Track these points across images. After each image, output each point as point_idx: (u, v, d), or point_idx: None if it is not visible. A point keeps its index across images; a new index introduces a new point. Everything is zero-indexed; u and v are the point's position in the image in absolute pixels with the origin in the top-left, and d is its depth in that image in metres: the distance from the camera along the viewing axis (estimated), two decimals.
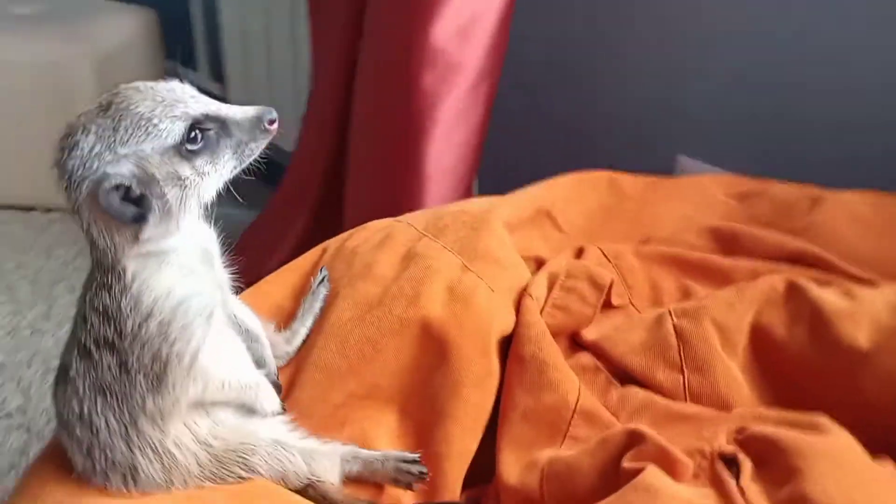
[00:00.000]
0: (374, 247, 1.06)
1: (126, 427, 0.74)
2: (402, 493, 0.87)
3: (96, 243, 0.72)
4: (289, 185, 2.05)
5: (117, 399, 0.74)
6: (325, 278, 1.02)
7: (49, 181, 0.72)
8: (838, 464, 0.76)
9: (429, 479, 0.86)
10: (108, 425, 0.74)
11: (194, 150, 0.71)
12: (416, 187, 1.60)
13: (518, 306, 1.01)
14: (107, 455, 0.75)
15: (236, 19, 2.31)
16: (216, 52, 2.47)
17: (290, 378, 0.96)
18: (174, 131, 0.70)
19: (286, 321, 1.02)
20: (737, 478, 0.78)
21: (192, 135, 0.71)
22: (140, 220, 0.70)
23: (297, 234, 2.01)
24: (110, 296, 0.72)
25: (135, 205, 0.70)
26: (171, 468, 0.77)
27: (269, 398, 0.84)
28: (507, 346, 0.98)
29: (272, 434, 0.83)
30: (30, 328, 1.97)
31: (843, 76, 1.40)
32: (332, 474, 0.84)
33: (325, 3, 1.79)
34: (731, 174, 1.39)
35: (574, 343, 1.04)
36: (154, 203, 0.70)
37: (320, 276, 1.02)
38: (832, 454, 0.77)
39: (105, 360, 0.73)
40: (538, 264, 1.12)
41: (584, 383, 0.95)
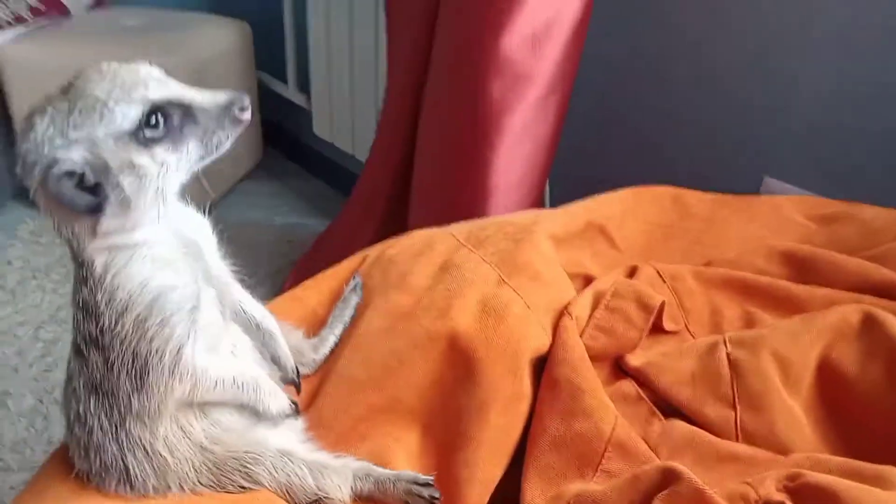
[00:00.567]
0: (412, 256, 1.02)
1: (116, 427, 0.72)
2: None
3: (61, 234, 0.69)
4: (359, 193, 2.05)
5: (107, 398, 0.72)
6: (357, 285, 1.00)
7: None
8: None
9: (442, 501, 0.80)
10: (100, 426, 0.72)
11: (154, 137, 0.66)
12: (481, 199, 1.56)
13: (556, 326, 0.94)
14: (100, 456, 0.73)
15: (323, 34, 2.36)
16: (304, 64, 2.53)
17: (315, 387, 0.94)
18: (130, 115, 0.65)
19: (319, 327, 1.00)
20: None
21: (151, 120, 0.66)
22: (96, 210, 0.67)
23: (365, 244, 2.01)
24: (88, 290, 0.69)
25: (91, 194, 0.66)
26: (164, 472, 0.74)
27: (274, 399, 0.80)
28: (542, 368, 0.92)
29: (280, 444, 0.79)
30: None
31: None
32: (341, 491, 0.80)
33: (400, 12, 1.79)
34: (816, 196, 1.27)
35: (618, 369, 0.96)
36: (109, 193, 0.67)
37: (353, 282, 1.00)
38: None
39: (93, 358, 0.71)
40: (586, 282, 1.05)
41: (624, 413, 0.87)
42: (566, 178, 1.71)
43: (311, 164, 2.77)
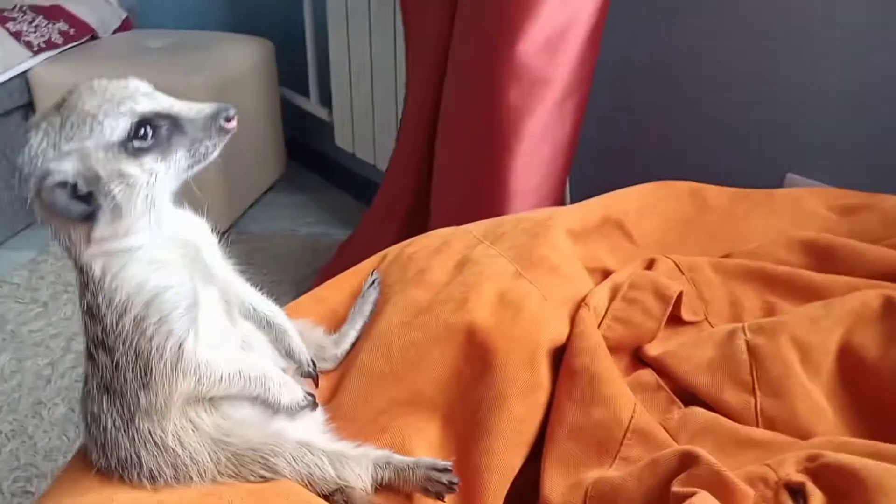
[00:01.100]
0: (430, 253, 1.04)
1: (127, 424, 0.74)
2: None
3: (59, 242, 0.72)
4: (380, 202, 2.08)
5: (117, 397, 0.74)
6: (375, 281, 1.01)
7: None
8: None
9: (461, 490, 0.80)
10: (113, 423, 0.75)
11: (143, 147, 0.69)
12: (500, 204, 1.57)
13: (574, 317, 0.94)
14: (116, 453, 0.75)
15: (343, 49, 2.41)
16: (325, 78, 2.58)
17: (336, 381, 0.95)
18: (118, 128, 0.68)
19: (340, 326, 1.01)
20: None
21: (140, 132, 0.69)
22: (89, 218, 0.70)
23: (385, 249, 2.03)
24: (90, 294, 0.72)
25: (84, 202, 0.69)
26: (180, 465, 0.75)
27: (286, 390, 0.81)
28: (560, 359, 0.92)
29: (299, 435, 0.80)
30: None
31: None
32: (362, 480, 0.81)
33: (418, 22, 1.82)
34: (837, 189, 1.26)
35: (636, 360, 0.96)
36: (101, 201, 0.69)
37: (371, 278, 1.01)
38: None
39: (102, 360, 0.74)
40: (604, 277, 1.05)
41: (643, 402, 0.87)
42: (585, 181, 1.71)
43: (334, 176, 2.81)
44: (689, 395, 0.89)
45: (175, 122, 0.71)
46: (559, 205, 1.61)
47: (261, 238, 2.46)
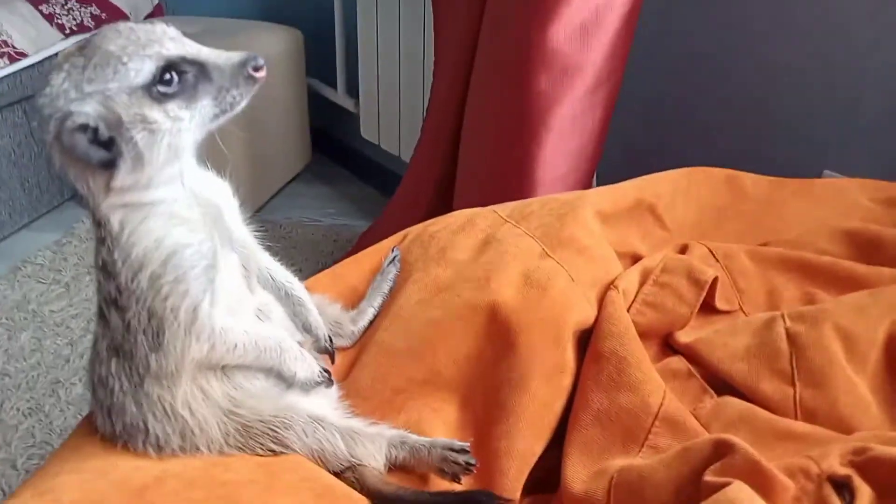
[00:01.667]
0: (454, 232, 1.00)
1: (135, 388, 0.72)
2: (449, 487, 0.78)
3: (78, 191, 0.69)
4: (403, 192, 2.05)
5: (127, 359, 0.71)
6: (395, 258, 0.98)
7: None
8: None
9: (479, 473, 0.77)
10: (121, 387, 0.72)
11: (167, 92, 0.66)
12: (525, 195, 1.52)
13: (602, 300, 0.90)
14: (122, 418, 0.73)
15: (371, 39, 2.39)
16: (353, 71, 2.56)
17: (352, 359, 0.92)
18: (143, 70, 0.65)
19: (359, 302, 0.98)
20: None
21: (165, 76, 0.66)
22: (110, 165, 0.67)
23: None
24: (106, 249, 0.69)
25: (105, 149, 0.67)
26: (187, 433, 0.73)
27: (302, 364, 0.78)
28: (586, 343, 0.88)
29: (312, 410, 0.77)
30: None
31: None
32: (375, 459, 0.78)
33: (448, 7, 1.78)
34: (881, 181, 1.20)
35: (666, 348, 0.91)
36: (123, 148, 0.67)
37: (391, 255, 0.98)
38: None
39: (113, 320, 0.71)
40: (634, 262, 1.01)
41: (674, 390, 0.82)
42: (613, 174, 1.66)
43: (358, 168, 2.79)
44: (722, 385, 0.84)
45: (202, 69, 0.68)
46: None
47: (283, 227, 2.45)
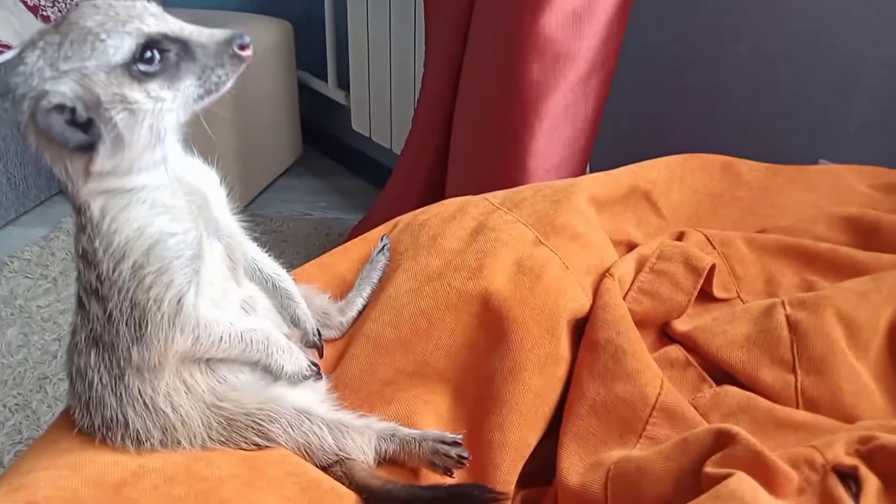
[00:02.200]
0: (444, 220, 0.97)
1: (115, 381, 0.69)
2: (440, 481, 0.76)
3: (55, 175, 0.66)
4: (395, 183, 2.02)
5: (107, 351, 0.68)
6: (385, 247, 0.95)
7: None
8: None
9: (472, 466, 0.74)
10: (100, 379, 0.69)
11: (148, 71, 0.63)
12: (518, 184, 1.50)
13: (597, 288, 0.88)
14: (101, 412, 0.70)
15: (362, 32, 2.36)
16: (343, 63, 2.53)
17: (341, 349, 0.89)
18: (123, 48, 0.62)
19: (347, 293, 0.95)
20: (856, 497, 0.61)
21: (146, 55, 0.63)
22: (88, 148, 0.63)
23: None
24: (87, 238, 0.66)
25: (83, 131, 0.63)
26: (169, 428, 0.70)
27: (289, 357, 0.75)
28: (581, 332, 0.86)
29: (298, 402, 0.74)
30: None
31: None
32: (364, 452, 0.75)
33: (439, 1, 1.76)
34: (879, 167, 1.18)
35: (663, 336, 0.89)
36: (102, 130, 0.63)
37: (381, 244, 0.95)
38: None
39: (93, 310, 0.68)
40: (629, 250, 0.98)
41: (671, 380, 0.80)
42: (606, 164, 1.64)
43: (349, 161, 2.76)
44: (720, 374, 0.82)
45: (185, 47, 0.65)
46: None
47: (274, 221, 2.41)
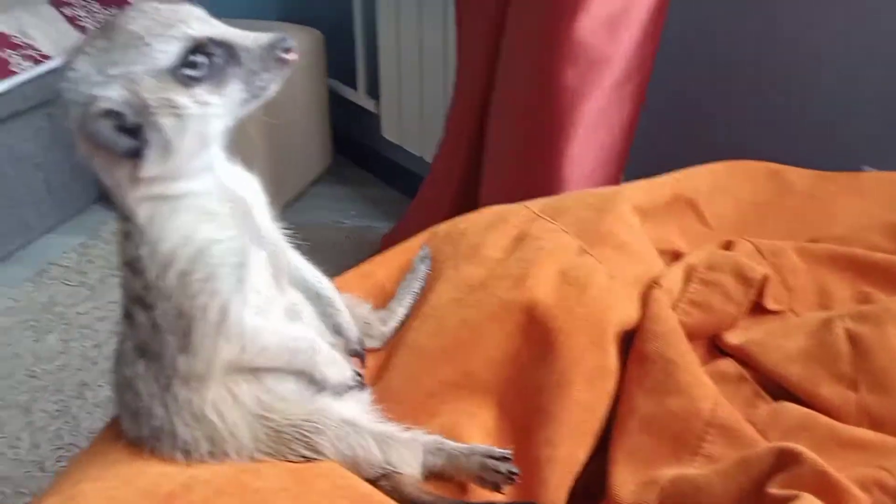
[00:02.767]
0: (484, 228, 0.96)
1: (163, 391, 0.68)
2: (489, 497, 0.74)
3: (104, 182, 0.66)
4: (427, 192, 2.01)
5: (154, 361, 0.68)
6: (426, 255, 0.94)
7: None
8: None
9: (519, 482, 0.72)
10: (147, 389, 0.68)
11: (195, 76, 0.63)
12: (553, 192, 1.49)
13: (645, 299, 0.85)
14: (149, 422, 0.69)
15: (392, 39, 2.36)
16: (374, 71, 2.53)
17: (383, 361, 0.88)
18: (169, 52, 0.62)
19: (387, 302, 0.94)
20: None
21: (193, 59, 0.62)
22: (136, 154, 0.63)
23: None
24: (133, 245, 0.66)
25: (132, 137, 0.63)
26: (217, 439, 0.69)
27: (334, 367, 0.74)
28: (629, 344, 0.83)
29: (344, 413, 0.73)
30: None
31: None
32: (411, 466, 0.73)
33: (469, 4, 1.75)
34: None
35: (714, 349, 0.86)
36: (150, 136, 0.62)
37: (421, 253, 0.94)
38: None
39: (140, 319, 0.67)
40: (674, 259, 0.96)
41: (724, 395, 0.77)
42: (642, 171, 1.61)
43: (380, 170, 2.76)
44: (776, 389, 0.79)
45: (230, 52, 0.64)
46: None
47: (304, 230, 2.37)
